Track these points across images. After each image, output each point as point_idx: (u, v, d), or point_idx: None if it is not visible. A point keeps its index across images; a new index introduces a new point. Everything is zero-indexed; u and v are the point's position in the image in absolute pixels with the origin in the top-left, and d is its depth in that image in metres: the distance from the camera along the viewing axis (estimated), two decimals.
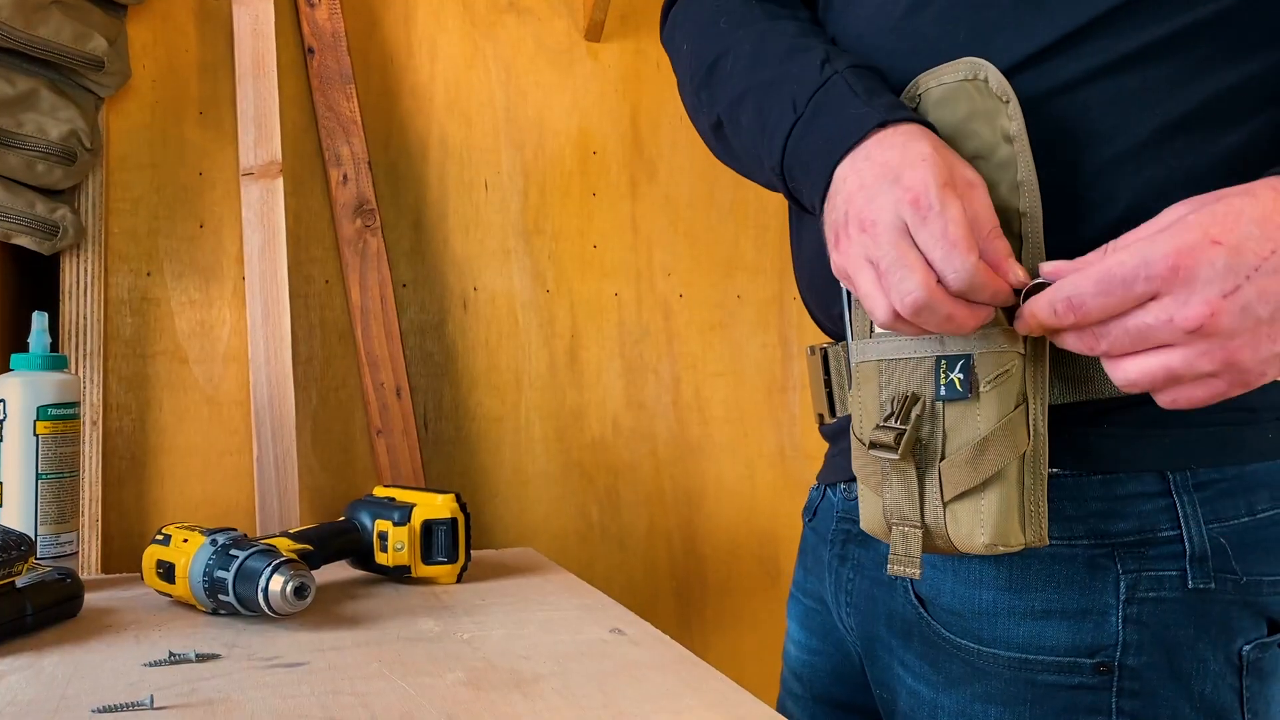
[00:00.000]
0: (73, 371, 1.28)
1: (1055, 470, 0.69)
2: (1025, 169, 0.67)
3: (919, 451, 0.69)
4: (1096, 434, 0.69)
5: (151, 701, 0.73)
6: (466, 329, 1.49)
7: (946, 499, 0.67)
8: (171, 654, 0.84)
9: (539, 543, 1.49)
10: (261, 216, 1.36)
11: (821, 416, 0.86)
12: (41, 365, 1.09)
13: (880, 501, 0.72)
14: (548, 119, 1.53)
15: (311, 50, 1.42)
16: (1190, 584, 0.68)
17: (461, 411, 1.48)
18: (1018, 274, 0.64)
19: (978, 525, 0.66)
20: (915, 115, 0.69)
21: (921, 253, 0.63)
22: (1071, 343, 0.62)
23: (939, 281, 0.63)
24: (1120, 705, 0.69)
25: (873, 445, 0.70)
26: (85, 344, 1.30)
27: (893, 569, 0.70)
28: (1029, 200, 0.67)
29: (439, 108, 1.49)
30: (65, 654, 0.85)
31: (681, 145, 1.57)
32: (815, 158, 0.71)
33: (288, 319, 1.35)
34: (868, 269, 0.65)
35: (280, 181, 1.36)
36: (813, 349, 0.86)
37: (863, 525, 0.74)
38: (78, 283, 1.30)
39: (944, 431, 0.68)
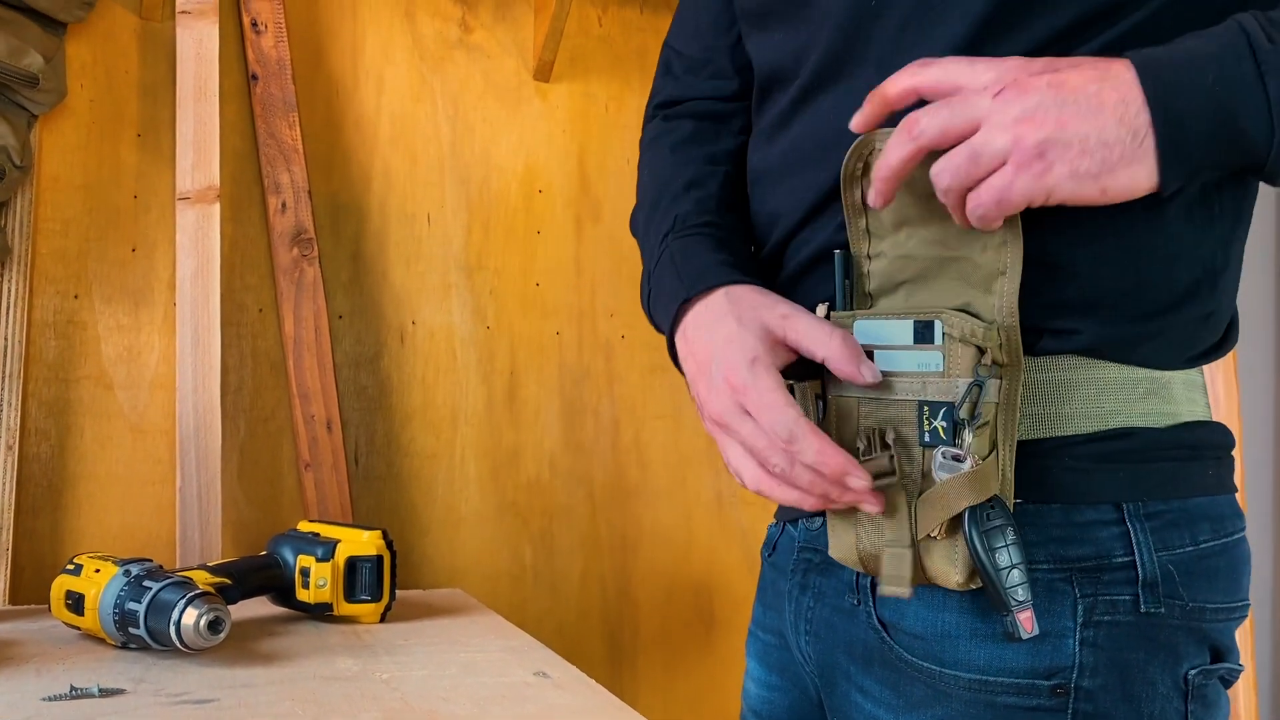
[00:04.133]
0: None
1: (1019, 500, 0.71)
2: (1011, 231, 0.68)
3: (906, 484, 0.71)
4: (1059, 468, 0.71)
5: None
6: (403, 363, 1.46)
7: (919, 536, 0.70)
8: (73, 688, 0.80)
9: (469, 584, 1.46)
10: (196, 242, 1.33)
11: None
12: None
13: (853, 530, 0.74)
14: (494, 156, 1.52)
15: (255, 76, 1.40)
16: (1142, 608, 0.70)
17: (394, 447, 1.45)
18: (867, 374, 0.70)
19: (952, 565, 0.69)
20: (720, 280, 0.76)
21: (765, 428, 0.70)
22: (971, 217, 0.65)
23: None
24: None
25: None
26: (5, 366, 1.26)
27: (885, 590, 0.72)
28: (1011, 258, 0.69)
29: (383, 140, 1.48)
30: None
31: (627, 187, 1.56)
32: (661, 325, 0.83)
33: (218, 347, 1.32)
34: (732, 443, 0.73)
35: (217, 207, 1.34)
36: None
37: (831, 553, 0.76)
38: (0, 303, 1.26)
39: (922, 472, 0.70)
